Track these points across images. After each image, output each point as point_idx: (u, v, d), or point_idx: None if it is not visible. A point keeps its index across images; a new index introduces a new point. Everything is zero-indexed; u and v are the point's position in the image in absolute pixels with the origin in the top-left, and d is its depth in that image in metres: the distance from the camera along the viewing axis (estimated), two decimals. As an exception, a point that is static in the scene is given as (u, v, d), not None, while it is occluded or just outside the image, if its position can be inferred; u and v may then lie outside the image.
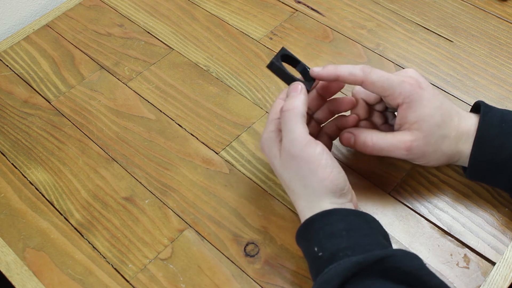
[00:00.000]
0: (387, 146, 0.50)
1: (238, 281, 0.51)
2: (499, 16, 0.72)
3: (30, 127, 0.64)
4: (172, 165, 0.60)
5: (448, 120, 0.49)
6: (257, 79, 0.67)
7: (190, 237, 0.54)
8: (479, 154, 0.49)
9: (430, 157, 0.50)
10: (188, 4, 0.77)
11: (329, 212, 0.45)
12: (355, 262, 0.41)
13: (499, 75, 0.65)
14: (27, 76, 0.70)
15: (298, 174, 0.47)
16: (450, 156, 0.51)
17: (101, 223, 0.56)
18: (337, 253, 0.43)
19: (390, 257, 0.41)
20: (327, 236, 0.44)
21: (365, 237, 0.44)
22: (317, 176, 0.46)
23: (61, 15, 0.77)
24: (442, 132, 0.49)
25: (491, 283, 0.50)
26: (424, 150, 0.50)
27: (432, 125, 0.49)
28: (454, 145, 0.50)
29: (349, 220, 0.45)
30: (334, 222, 0.45)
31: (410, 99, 0.49)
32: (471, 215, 0.54)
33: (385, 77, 0.49)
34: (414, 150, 0.49)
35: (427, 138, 0.49)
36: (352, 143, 0.52)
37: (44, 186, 0.59)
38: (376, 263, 0.41)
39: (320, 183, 0.46)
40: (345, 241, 0.44)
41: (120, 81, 0.68)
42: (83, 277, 0.52)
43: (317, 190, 0.46)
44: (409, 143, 0.49)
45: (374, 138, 0.51)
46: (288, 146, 0.47)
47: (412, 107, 0.49)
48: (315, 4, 0.75)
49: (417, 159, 0.51)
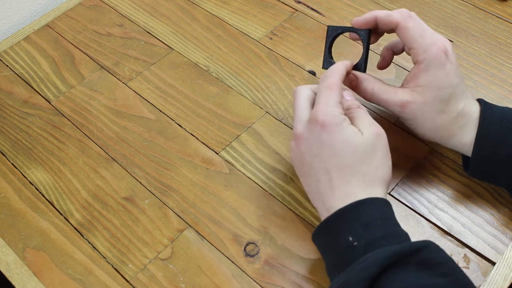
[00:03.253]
0: (385, 98, 0.51)
1: (238, 281, 0.51)
2: (499, 16, 0.72)
3: (30, 127, 0.64)
4: (172, 165, 0.60)
5: (454, 101, 0.49)
6: (257, 79, 0.67)
7: (190, 237, 0.54)
8: (481, 151, 0.49)
9: (419, 123, 0.51)
10: (188, 4, 0.77)
11: (363, 202, 0.45)
12: (394, 251, 0.41)
13: (499, 75, 0.65)
14: (27, 76, 0.70)
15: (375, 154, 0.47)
16: (440, 132, 0.51)
17: (101, 223, 0.56)
18: (373, 242, 0.43)
19: (426, 247, 0.42)
20: (363, 225, 0.44)
21: (398, 226, 0.45)
22: (388, 162, 0.48)
23: (61, 15, 0.77)
24: (443, 108, 0.49)
25: (491, 283, 0.50)
26: (417, 115, 0.50)
27: (435, 97, 0.49)
28: (449, 124, 0.50)
29: (382, 209, 0.45)
30: (369, 212, 0.45)
31: (431, 62, 0.48)
32: (471, 215, 0.54)
33: (420, 28, 0.49)
34: (407, 110, 0.50)
35: (425, 106, 0.49)
36: (353, 85, 0.53)
37: (44, 186, 0.59)
38: (413, 254, 0.41)
39: (386, 169, 0.47)
40: (381, 230, 0.44)
41: (120, 81, 0.68)
42: (83, 277, 0.52)
43: (375, 175, 0.47)
44: (406, 103, 0.50)
45: (375, 87, 0.51)
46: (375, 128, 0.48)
47: (429, 70, 0.48)
48: (315, 4, 0.75)
49: (408, 120, 0.51)
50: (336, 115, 0.47)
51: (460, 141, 0.51)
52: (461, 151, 0.52)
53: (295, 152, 0.49)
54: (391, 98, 0.50)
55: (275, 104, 0.64)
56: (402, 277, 0.40)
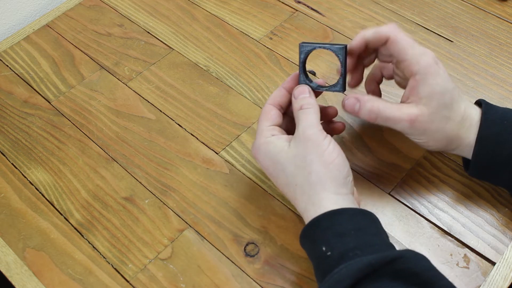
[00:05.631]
0: (392, 116, 0.49)
1: (238, 281, 0.51)
2: (499, 16, 0.72)
3: (30, 127, 0.64)
4: (172, 165, 0.60)
5: (456, 105, 0.49)
6: (257, 79, 0.67)
7: (190, 237, 0.54)
8: (482, 151, 0.49)
9: (430, 136, 0.50)
10: (188, 4, 0.77)
11: (336, 211, 0.45)
12: (367, 263, 0.41)
13: (499, 75, 0.65)
14: (27, 76, 0.70)
15: (305, 159, 0.47)
16: (450, 140, 0.50)
17: (101, 223, 0.56)
18: (346, 252, 0.43)
19: (400, 258, 0.41)
20: (336, 235, 0.44)
21: (373, 236, 0.45)
22: (323, 159, 0.47)
23: (61, 15, 0.77)
24: (448, 113, 0.49)
25: (491, 283, 0.50)
26: (427, 127, 0.49)
27: (440, 104, 0.49)
28: (456, 130, 0.50)
29: (357, 219, 0.45)
30: (342, 222, 0.45)
31: (427, 71, 0.48)
32: (471, 215, 0.54)
33: (409, 39, 0.49)
34: (417, 124, 0.49)
35: (433, 115, 0.49)
36: (357, 109, 0.51)
37: (44, 186, 0.59)
38: (387, 264, 0.41)
39: (325, 167, 0.46)
40: (354, 240, 0.44)
41: (120, 81, 0.68)
42: (83, 277, 0.52)
43: (322, 177, 0.46)
44: (414, 117, 0.49)
45: (380, 106, 0.50)
46: (304, 129, 0.48)
47: (427, 80, 0.48)
48: (315, 4, 0.75)
49: (418, 135, 0.50)
50: (261, 141, 0.50)
51: (468, 144, 0.50)
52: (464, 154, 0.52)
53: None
54: (398, 114, 0.49)
55: (275, 104, 0.64)
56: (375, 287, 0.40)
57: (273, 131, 0.51)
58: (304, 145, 0.48)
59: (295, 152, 0.48)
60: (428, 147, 0.52)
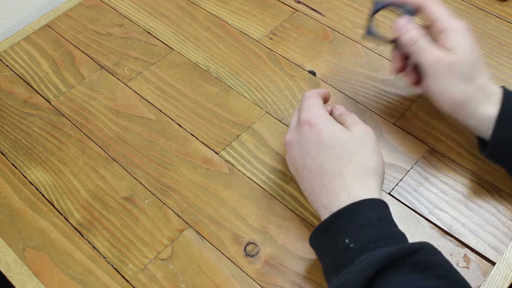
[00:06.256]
0: (425, 47, 0.53)
1: (238, 281, 0.51)
2: (499, 16, 0.72)
3: (30, 127, 0.64)
4: (172, 165, 0.60)
5: (478, 69, 0.52)
6: (257, 79, 0.67)
7: (190, 237, 0.54)
8: (502, 132, 0.49)
9: (448, 86, 0.52)
10: (188, 4, 0.77)
11: (359, 203, 0.45)
12: (389, 253, 0.41)
13: (499, 75, 0.65)
14: (27, 76, 0.70)
15: (366, 145, 0.49)
16: (464, 101, 0.51)
17: (101, 223, 0.56)
18: (368, 244, 0.43)
19: (421, 249, 0.42)
20: (359, 227, 0.44)
21: (394, 227, 0.45)
22: (380, 154, 0.49)
23: (61, 15, 0.77)
24: (469, 72, 0.51)
25: (491, 283, 0.50)
26: (447, 72, 0.51)
27: (466, 59, 0.51)
28: (473, 93, 0.51)
29: (379, 209, 0.45)
30: (365, 213, 0.45)
31: (458, 28, 0.52)
32: (471, 215, 0.54)
33: (442, 5, 0.54)
34: (440, 64, 0.51)
35: (456, 64, 0.51)
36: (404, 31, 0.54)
37: (44, 186, 0.59)
38: (408, 256, 0.41)
39: (381, 161, 0.49)
40: (376, 231, 0.44)
41: (120, 81, 0.68)
42: (83, 277, 0.52)
43: (377, 165, 0.48)
44: (441, 56, 0.51)
45: (422, 39, 0.53)
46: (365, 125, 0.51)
47: (457, 33, 0.52)
48: (315, 4, 0.75)
49: (438, 79, 0.52)
50: (320, 113, 0.50)
51: (483, 113, 0.51)
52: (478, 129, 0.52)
53: (289, 160, 0.52)
54: (430, 49, 0.52)
55: (275, 104, 0.64)
56: (397, 278, 0.40)
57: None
58: (367, 131, 0.50)
59: (359, 136, 0.49)
60: (442, 105, 0.53)
